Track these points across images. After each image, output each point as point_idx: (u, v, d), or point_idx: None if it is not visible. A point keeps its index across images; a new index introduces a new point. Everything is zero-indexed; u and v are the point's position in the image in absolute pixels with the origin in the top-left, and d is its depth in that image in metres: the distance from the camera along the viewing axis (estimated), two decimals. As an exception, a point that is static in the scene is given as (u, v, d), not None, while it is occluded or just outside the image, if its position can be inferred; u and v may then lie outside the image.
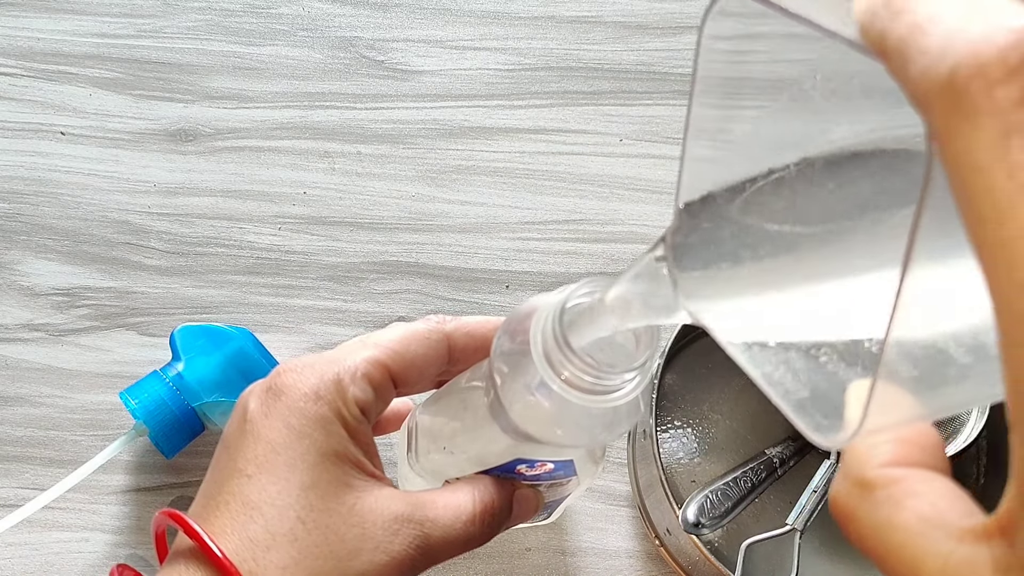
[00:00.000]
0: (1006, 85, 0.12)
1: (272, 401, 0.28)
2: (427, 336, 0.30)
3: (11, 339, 0.48)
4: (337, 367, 0.28)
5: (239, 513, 0.26)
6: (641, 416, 0.27)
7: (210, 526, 0.26)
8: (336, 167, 0.52)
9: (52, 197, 0.51)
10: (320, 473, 0.27)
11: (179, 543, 0.27)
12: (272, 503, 0.26)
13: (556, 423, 0.26)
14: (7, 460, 0.46)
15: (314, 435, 0.27)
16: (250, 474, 0.27)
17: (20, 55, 0.53)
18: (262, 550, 0.25)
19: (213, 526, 0.26)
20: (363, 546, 0.27)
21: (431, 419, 0.33)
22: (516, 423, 0.26)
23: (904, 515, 0.17)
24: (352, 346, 0.30)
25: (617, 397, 0.25)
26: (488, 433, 0.28)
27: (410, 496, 0.29)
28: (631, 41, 0.55)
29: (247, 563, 0.25)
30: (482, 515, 0.30)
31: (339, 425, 0.28)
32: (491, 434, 0.28)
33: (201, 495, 0.28)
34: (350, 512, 0.27)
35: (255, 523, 0.26)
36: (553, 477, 0.32)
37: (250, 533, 0.26)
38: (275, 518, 0.26)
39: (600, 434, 0.27)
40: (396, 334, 0.30)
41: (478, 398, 0.29)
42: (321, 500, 0.27)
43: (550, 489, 0.33)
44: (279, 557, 0.25)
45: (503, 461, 0.30)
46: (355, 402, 0.28)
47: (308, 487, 0.26)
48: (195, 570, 0.26)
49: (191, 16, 0.54)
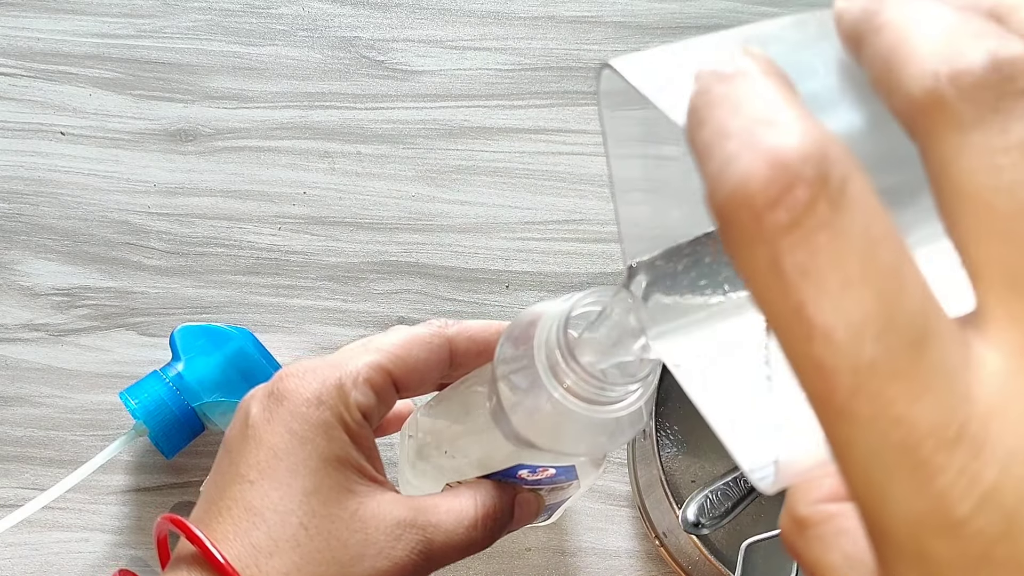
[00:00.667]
0: (772, 212, 0.13)
1: (274, 406, 0.28)
2: (429, 340, 0.30)
3: (11, 339, 0.48)
4: (339, 372, 0.28)
5: (241, 519, 0.26)
6: (644, 424, 0.27)
7: (212, 532, 0.26)
8: (336, 167, 0.52)
9: (52, 197, 0.51)
10: (322, 478, 0.27)
11: (181, 549, 0.27)
12: (275, 509, 0.26)
13: (558, 431, 0.26)
14: (7, 460, 0.46)
15: (316, 440, 0.27)
16: (252, 480, 0.27)
17: (20, 55, 0.53)
18: (265, 556, 0.25)
19: (215, 532, 0.26)
20: (366, 552, 0.27)
21: (433, 422, 0.32)
22: (518, 430, 0.26)
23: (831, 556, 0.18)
24: (354, 350, 0.30)
25: (620, 408, 0.25)
26: (490, 438, 0.28)
27: (412, 501, 0.29)
28: (631, 41, 0.55)
29: (249, 569, 0.25)
30: (484, 520, 0.30)
31: (341, 430, 0.28)
32: (493, 439, 0.28)
33: (203, 500, 0.28)
34: (352, 517, 0.27)
35: (257, 529, 0.26)
36: (555, 482, 0.32)
37: (252, 539, 0.26)
38: (278, 524, 0.26)
39: (602, 443, 0.26)
40: (398, 338, 0.30)
41: (480, 403, 0.29)
42: (323, 506, 0.27)
43: (551, 493, 0.33)
44: (282, 563, 0.25)
45: (505, 466, 0.30)
46: (357, 407, 0.28)
47: (310, 493, 0.26)
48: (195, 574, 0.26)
49: (191, 16, 0.54)
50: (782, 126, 0.13)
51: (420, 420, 0.33)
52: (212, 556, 0.25)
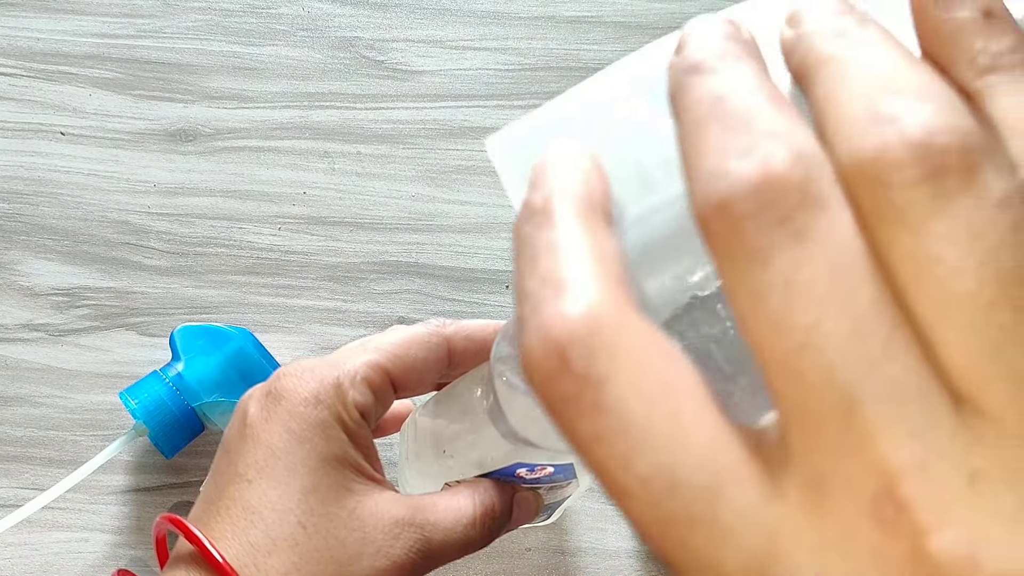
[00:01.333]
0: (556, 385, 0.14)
1: (272, 406, 0.28)
2: (427, 340, 0.30)
3: (11, 339, 0.48)
4: (337, 371, 0.28)
5: (239, 518, 0.26)
6: None
7: (210, 531, 0.26)
8: (336, 167, 0.52)
9: (52, 197, 0.51)
10: (321, 478, 0.27)
11: (179, 548, 0.27)
12: (273, 508, 0.26)
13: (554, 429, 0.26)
14: (7, 460, 0.46)
15: (314, 439, 0.27)
16: (250, 479, 0.27)
17: (20, 55, 0.53)
18: (263, 555, 0.25)
19: (213, 531, 0.26)
20: (364, 550, 0.27)
21: (431, 422, 0.32)
22: (515, 429, 0.26)
23: None
24: (352, 350, 0.30)
25: None
26: (488, 437, 0.28)
27: (411, 500, 0.29)
28: (631, 41, 0.55)
29: (247, 568, 0.25)
30: (483, 518, 0.30)
31: (339, 429, 0.28)
32: (491, 438, 0.28)
33: (201, 500, 0.28)
34: (351, 516, 0.27)
35: (255, 528, 0.26)
36: (553, 480, 0.32)
37: (251, 538, 0.26)
38: (276, 523, 0.26)
39: None
40: (396, 338, 0.30)
41: (478, 402, 0.29)
42: (322, 504, 0.27)
43: (550, 492, 0.33)
44: (280, 562, 0.26)
45: (503, 465, 0.30)
46: (355, 406, 0.28)
47: (309, 491, 0.26)
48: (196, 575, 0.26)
49: (191, 16, 0.54)
50: (563, 296, 0.14)
51: (419, 420, 0.33)
52: (210, 555, 0.25)
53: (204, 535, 0.26)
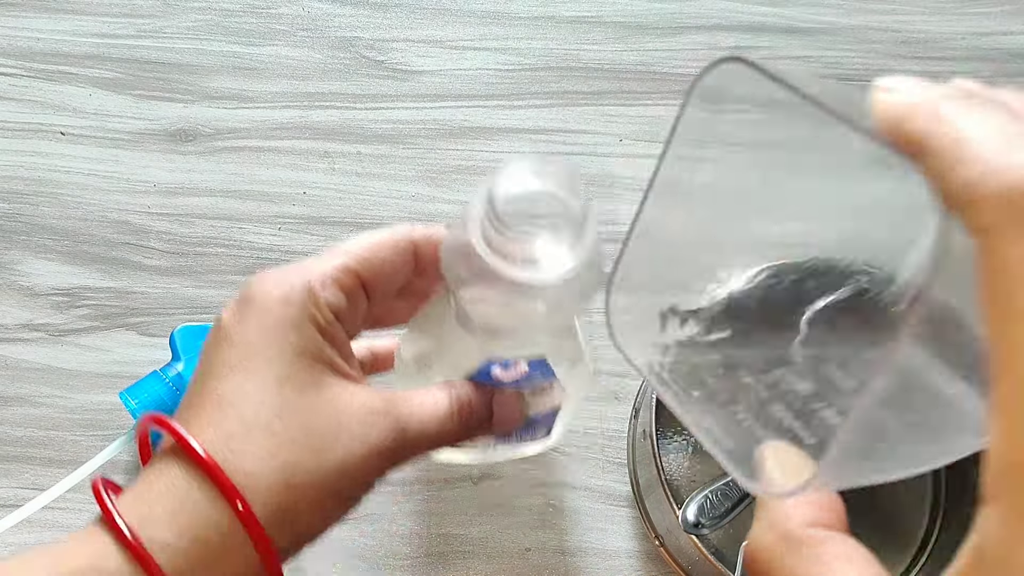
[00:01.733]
0: None
1: (244, 308, 0.28)
2: (395, 243, 0.31)
3: (11, 339, 0.48)
4: (307, 274, 0.29)
5: (215, 410, 0.27)
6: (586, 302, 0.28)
7: (189, 426, 0.27)
8: (336, 167, 0.52)
9: (52, 197, 0.51)
10: (297, 370, 0.27)
11: (162, 445, 0.28)
12: (248, 398, 0.26)
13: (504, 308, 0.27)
14: (7, 460, 0.46)
15: (289, 335, 0.27)
16: (225, 375, 0.27)
17: (20, 55, 0.53)
18: (238, 442, 0.26)
19: (192, 426, 0.27)
20: (340, 437, 0.27)
21: (411, 343, 0.34)
22: (469, 313, 0.27)
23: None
24: (321, 256, 0.30)
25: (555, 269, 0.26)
26: (456, 338, 0.30)
27: (387, 393, 0.29)
28: (631, 41, 0.55)
29: (222, 453, 0.25)
30: (460, 411, 0.30)
31: (313, 328, 0.28)
32: (459, 338, 0.29)
33: (182, 404, 0.28)
34: (327, 405, 0.27)
35: (231, 418, 0.26)
36: (532, 380, 0.32)
37: (227, 428, 0.26)
38: (251, 412, 0.26)
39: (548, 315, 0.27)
40: (365, 241, 0.31)
41: (443, 308, 0.30)
42: (297, 394, 0.27)
43: (535, 397, 0.33)
44: (256, 449, 0.26)
45: (476, 364, 0.31)
46: (328, 307, 0.29)
47: (284, 382, 0.27)
48: (171, 463, 0.26)
49: (191, 16, 0.54)
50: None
51: (402, 344, 0.35)
52: (188, 445, 0.25)
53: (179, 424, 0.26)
